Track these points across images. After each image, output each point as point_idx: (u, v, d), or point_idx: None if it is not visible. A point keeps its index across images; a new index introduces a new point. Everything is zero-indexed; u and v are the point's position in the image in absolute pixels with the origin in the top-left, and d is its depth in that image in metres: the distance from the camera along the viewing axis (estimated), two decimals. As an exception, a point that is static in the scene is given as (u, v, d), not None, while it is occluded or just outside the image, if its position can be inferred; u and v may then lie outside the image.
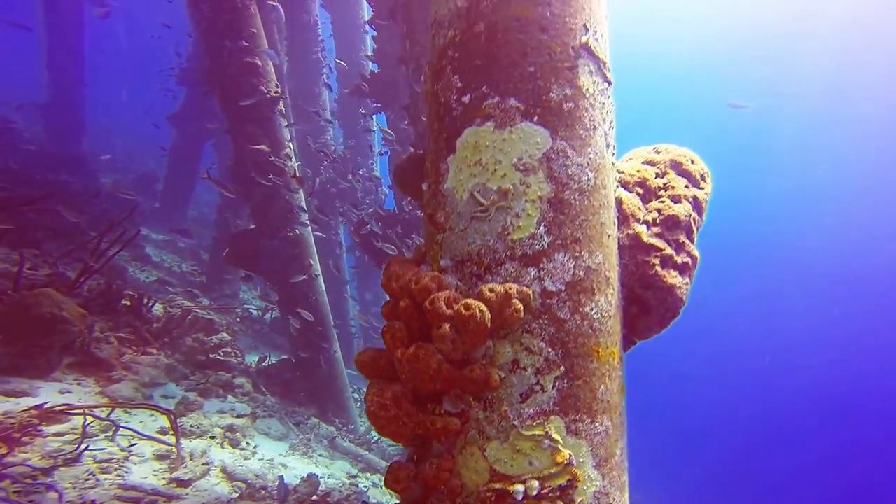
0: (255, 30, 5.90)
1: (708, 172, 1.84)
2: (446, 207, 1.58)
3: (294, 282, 7.08)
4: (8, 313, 3.69)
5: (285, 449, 6.44)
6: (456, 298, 1.41)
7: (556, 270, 1.47)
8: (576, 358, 1.52)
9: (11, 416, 3.44)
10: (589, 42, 1.68)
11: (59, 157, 10.96)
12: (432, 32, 1.92)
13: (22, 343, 3.77)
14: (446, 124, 1.66)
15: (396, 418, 1.52)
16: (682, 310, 1.69)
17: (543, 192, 1.47)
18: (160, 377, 5.43)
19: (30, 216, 6.13)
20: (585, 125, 1.57)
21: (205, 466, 4.66)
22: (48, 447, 3.58)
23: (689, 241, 1.67)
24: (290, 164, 6.84)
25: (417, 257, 1.69)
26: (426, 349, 1.43)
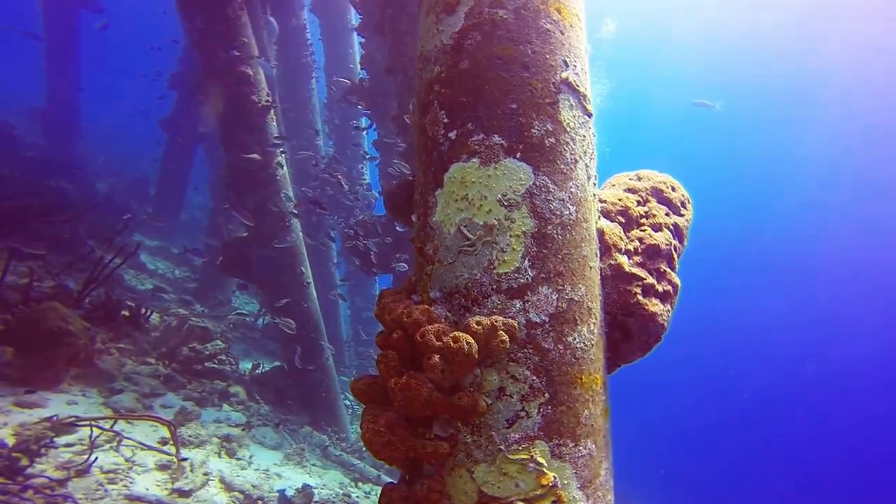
0: (246, 39, 5.93)
1: (689, 199, 1.91)
2: (435, 240, 1.64)
3: (286, 290, 7.12)
4: (19, 327, 3.79)
5: (280, 458, 6.50)
6: (445, 331, 1.47)
7: (541, 303, 1.53)
8: (559, 385, 1.59)
9: (28, 427, 3.54)
10: (569, 77, 1.74)
11: (57, 164, 10.98)
12: (419, 66, 1.98)
13: (32, 355, 3.86)
14: (434, 158, 1.71)
15: (390, 443, 1.58)
16: (664, 335, 1.76)
17: (527, 228, 1.53)
18: (159, 387, 5.48)
19: (31, 226, 6.18)
20: (566, 160, 1.63)
21: (204, 477, 4.72)
22: (60, 458, 3.67)
23: (671, 269, 1.74)
24: (282, 171, 6.88)
25: (408, 287, 1.75)
26: (417, 378, 1.50)
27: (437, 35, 1.89)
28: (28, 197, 7.56)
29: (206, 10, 5.68)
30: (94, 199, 9.87)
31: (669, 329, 1.76)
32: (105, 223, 9.46)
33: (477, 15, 1.81)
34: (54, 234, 7.15)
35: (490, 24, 1.77)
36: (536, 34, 1.75)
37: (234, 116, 6.06)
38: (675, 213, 1.82)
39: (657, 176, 1.91)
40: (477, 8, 1.82)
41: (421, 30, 2.09)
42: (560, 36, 1.81)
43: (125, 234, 6.90)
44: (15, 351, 3.87)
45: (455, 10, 1.86)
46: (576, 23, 1.91)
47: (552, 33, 1.79)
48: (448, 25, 1.86)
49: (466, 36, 1.79)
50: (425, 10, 2.04)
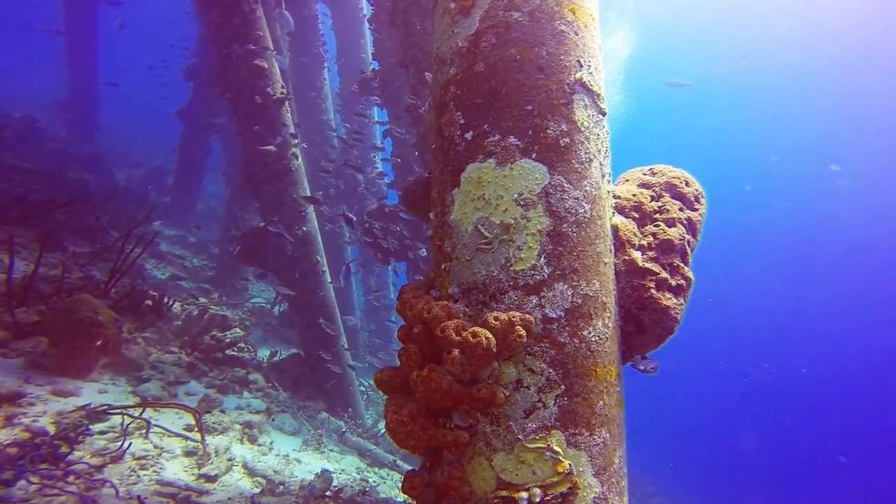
0: (261, 32, 5.98)
1: (702, 193, 1.93)
2: (452, 238, 1.70)
3: (302, 279, 7.25)
4: (53, 318, 3.95)
5: (298, 444, 6.68)
6: (464, 326, 1.54)
7: (556, 298, 1.58)
8: (575, 377, 1.65)
9: (65, 416, 3.70)
10: (583, 77, 1.77)
11: (78, 155, 11.24)
12: (435, 67, 2.02)
13: (65, 345, 4.02)
14: (451, 158, 1.76)
15: (412, 433, 1.66)
16: (677, 328, 1.80)
17: (543, 226, 1.58)
18: (183, 375, 5.65)
19: (58, 217, 6.36)
20: (581, 159, 1.67)
21: (228, 462, 4.88)
22: (96, 445, 3.83)
23: (684, 264, 1.77)
24: (297, 162, 6.96)
25: (427, 282, 1.81)
26: (438, 371, 1.57)
27: (453, 37, 1.92)
28: (52, 189, 7.75)
29: (222, 3, 5.74)
30: (113, 190, 10.06)
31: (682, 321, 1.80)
32: (126, 213, 9.68)
33: (492, 17, 1.83)
34: (78, 225, 7.35)
35: (505, 27, 1.79)
36: (551, 36, 1.78)
37: (250, 109, 6.14)
38: (689, 208, 1.85)
39: (671, 171, 1.94)
40: (492, 11, 1.84)
41: (436, 30, 2.12)
42: (574, 37, 1.83)
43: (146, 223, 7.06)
44: (49, 341, 4.04)
45: (470, 12, 1.89)
46: (590, 23, 1.93)
47: (567, 34, 1.81)
48: (463, 27, 1.89)
49: (481, 38, 1.82)
50: (440, 10, 2.07)
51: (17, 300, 4.35)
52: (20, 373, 3.98)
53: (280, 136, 6.46)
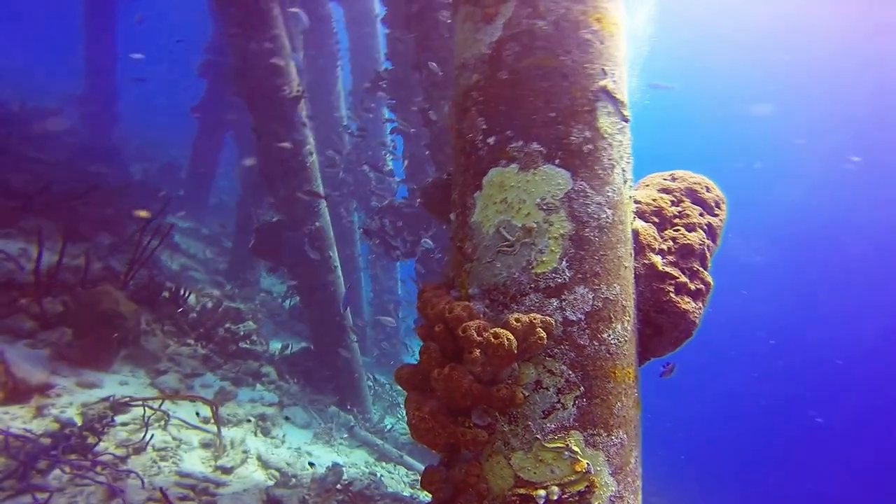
0: (278, 31, 6.04)
1: (723, 199, 1.95)
2: (473, 239, 1.73)
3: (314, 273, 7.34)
4: (77, 309, 4.06)
5: (309, 437, 6.78)
6: (485, 327, 1.57)
7: (577, 301, 1.61)
8: (594, 379, 1.68)
9: (91, 407, 3.82)
10: (607, 85, 1.79)
11: (95, 149, 11.44)
12: (456, 72, 2.05)
13: (89, 337, 4.13)
14: (472, 162, 1.79)
15: (433, 430, 1.70)
16: (695, 331, 1.82)
17: (565, 230, 1.61)
18: (199, 368, 5.76)
19: (78, 209, 6.49)
20: (604, 165, 1.69)
21: (243, 454, 4.98)
22: (119, 436, 3.94)
23: (703, 269, 1.79)
24: (312, 159, 7.03)
25: (447, 282, 1.85)
26: (459, 370, 1.60)
27: (476, 44, 1.95)
28: (72, 181, 7.89)
29: (241, 2, 5.80)
30: (129, 183, 10.22)
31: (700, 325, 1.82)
32: (141, 206, 9.82)
33: (515, 25, 1.85)
34: (96, 216, 7.48)
35: (529, 35, 1.81)
36: (576, 45, 1.79)
37: (266, 106, 6.21)
38: (709, 214, 1.87)
39: (692, 177, 1.96)
40: (515, 19, 1.86)
41: (457, 36, 2.14)
42: (599, 45, 1.84)
43: (162, 216, 7.16)
44: (74, 332, 4.15)
45: (493, 19, 1.91)
46: (615, 31, 1.94)
47: (592, 43, 1.83)
48: (486, 35, 1.92)
49: (505, 46, 1.84)
50: (462, 17, 2.09)
51: (44, 290, 4.46)
52: (47, 364, 4.11)
53: (295, 134, 6.52)
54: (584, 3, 1.91)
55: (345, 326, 7.96)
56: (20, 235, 5.66)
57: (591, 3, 1.92)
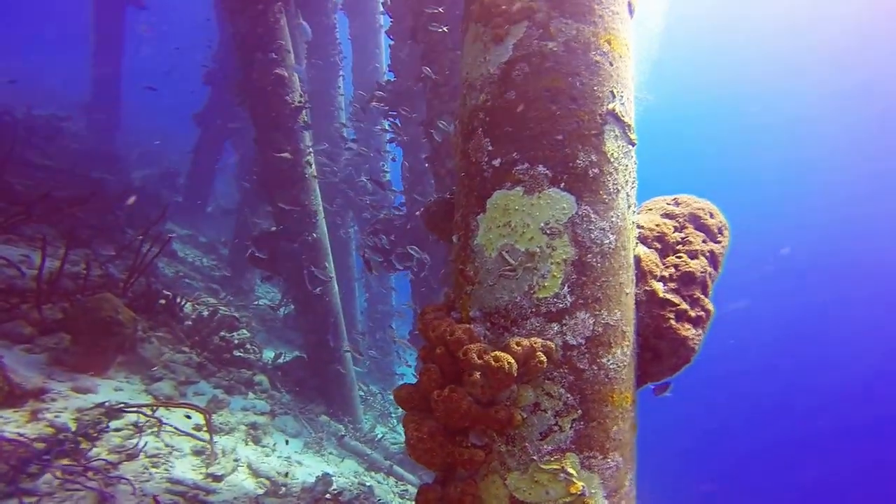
0: (283, 42, 6.10)
1: (726, 225, 1.97)
2: (475, 262, 1.74)
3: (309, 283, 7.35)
4: (76, 316, 4.05)
5: (300, 446, 6.74)
6: (486, 350, 1.58)
7: (578, 326, 1.63)
8: (592, 403, 1.69)
9: (86, 413, 3.80)
10: (616, 108, 1.81)
11: (98, 155, 11.49)
12: (463, 91, 2.07)
13: (87, 343, 4.12)
14: (477, 183, 1.81)
15: (431, 450, 1.70)
16: (694, 358, 1.84)
17: (568, 256, 1.63)
18: (193, 375, 5.73)
19: (78, 215, 6.50)
20: (609, 189, 1.71)
21: (234, 462, 4.94)
22: (112, 442, 3.91)
23: (704, 296, 1.81)
24: (311, 170, 7.06)
25: (448, 303, 1.86)
26: (458, 392, 1.61)
27: (484, 64, 1.97)
28: (73, 187, 7.91)
29: (249, 14, 5.86)
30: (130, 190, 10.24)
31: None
32: (140, 212, 9.82)
33: (525, 46, 1.87)
34: (96, 223, 7.48)
35: (539, 57, 1.84)
36: (586, 67, 1.82)
37: (269, 116, 6.25)
38: (712, 240, 1.89)
39: (695, 202, 1.98)
40: (526, 40, 1.88)
41: (465, 55, 2.17)
42: (609, 67, 1.87)
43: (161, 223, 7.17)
44: (72, 338, 4.14)
45: (503, 40, 1.94)
46: (625, 52, 1.97)
47: (601, 65, 1.85)
48: (496, 55, 1.94)
49: (514, 67, 1.86)
50: (471, 36, 2.12)
51: (44, 297, 4.45)
52: (44, 368, 4.08)
53: (296, 144, 6.57)
54: (594, 24, 1.93)
55: (339, 336, 7.95)
56: (21, 241, 5.65)
57: (601, 24, 1.94)
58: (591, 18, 1.94)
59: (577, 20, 1.92)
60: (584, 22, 1.93)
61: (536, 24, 1.92)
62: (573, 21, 1.92)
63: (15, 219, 5.42)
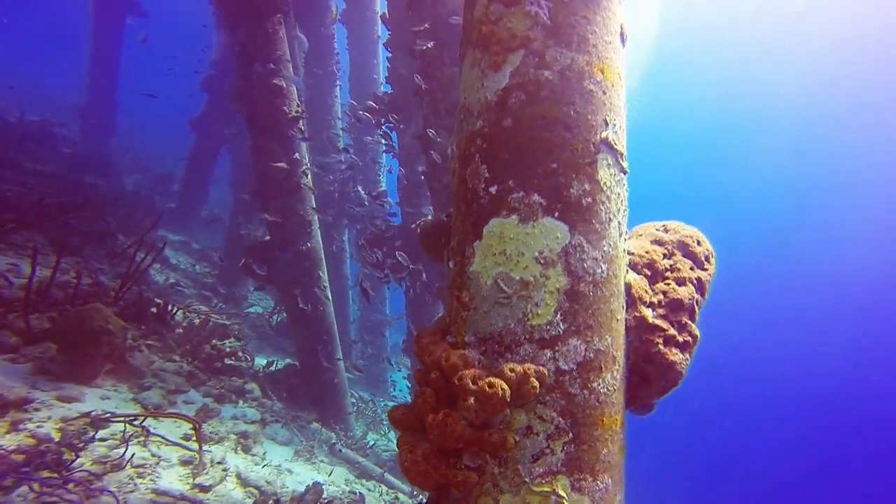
0: (282, 52, 6.15)
1: (712, 253, 2.02)
2: (471, 289, 1.78)
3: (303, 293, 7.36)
4: (65, 325, 4.03)
5: (290, 454, 6.72)
6: (480, 376, 1.62)
7: (570, 353, 1.67)
8: (583, 426, 1.73)
9: (70, 423, 3.75)
10: (609, 137, 1.86)
11: (91, 160, 11.44)
12: (460, 116, 2.11)
13: (74, 352, 4.10)
14: (473, 210, 1.85)
15: (425, 472, 1.73)
16: (681, 381, 1.88)
17: (561, 285, 1.67)
18: (183, 384, 5.70)
19: (69, 222, 6.47)
20: (601, 219, 1.76)
21: (223, 472, 4.91)
22: (96, 452, 3.87)
23: (691, 322, 1.86)
24: (306, 180, 7.09)
25: (443, 327, 1.89)
26: (453, 417, 1.64)
27: (482, 90, 2.02)
28: (65, 193, 7.87)
29: (249, 25, 5.90)
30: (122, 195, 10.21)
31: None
32: (132, 218, 9.78)
33: (522, 74, 1.92)
34: (88, 230, 7.45)
35: (535, 85, 1.88)
36: (580, 95, 1.87)
37: (265, 126, 6.28)
38: (699, 268, 1.95)
39: (684, 229, 2.03)
40: (523, 67, 1.93)
41: (463, 79, 2.22)
42: (602, 96, 1.92)
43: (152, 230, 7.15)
44: (59, 347, 4.11)
45: (501, 67, 1.99)
46: (617, 81, 2.03)
47: (595, 94, 1.90)
48: (493, 82, 1.98)
49: (511, 94, 1.91)
50: (469, 62, 2.17)
51: (32, 306, 4.43)
52: (28, 378, 4.05)
53: (292, 154, 6.59)
54: (589, 53, 1.99)
55: (332, 345, 7.95)
56: (10, 250, 5.62)
57: (595, 53, 1.99)
58: (585, 48, 1.99)
59: (572, 49, 1.98)
60: (578, 51, 1.98)
61: (533, 52, 1.97)
62: (568, 50, 1.97)
63: (5, 227, 5.39)
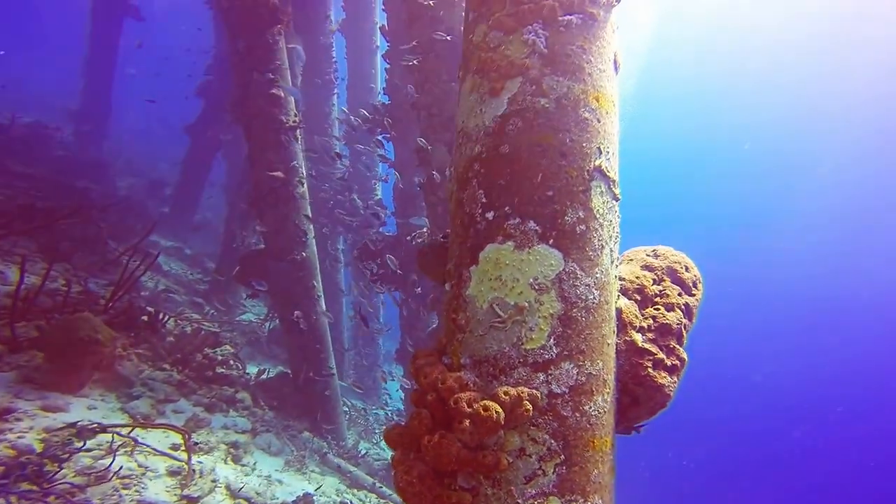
0: (280, 62, 6.20)
1: (700, 279, 2.09)
2: (467, 312, 1.83)
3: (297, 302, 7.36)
4: (53, 334, 4.00)
5: (281, 464, 6.69)
6: (476, 399, 1.65)
7: (562, 376, 1.71)
8: (574, 448, 1.77)
9: (55, 434, 3.71)
10: (602, 164, 1.92)
11: (83, 163, 11.35)
12: (459, 140, 2.16)
13: (61, 361, 4.06)
14: (471, 234, 1.90)
15: (420, 493, 1.76)
16: (669, 403, 1.93)
17: (554, 310, 1.72)
18: (173, 393, 5.67)
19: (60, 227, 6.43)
20: (594, 246, 1.81)
21: (212, 483, 4.89)
22: (80, 463, 3.84)
23: (679, 346, 1.92)
24: (302, 189, 7.11)
25: (439, 348, 1.93)
26: (448, 439, 1.68)
27: (480, 115, 2.07)
28: (56, 197, 7.81)
29: (249, 35, 5.95)
30: (114, 200, 10.14)
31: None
32: (124, 223, 9.72)
33: (520, 101, 1.98)
34: (78, 235, 7.40)
35: (532, 112, 1.94)
36: (575, 123, 1.93)
37: (263, 135, 6.31)
38: (687, 293, 2.01)
39: (672, 255, 2.09)
40: (520, 95, 1.99)
41: (462, 103, 2.27)
42: (597, 124, 1.98)
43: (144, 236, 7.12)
44: (45, 356, 4.08)
45: (499, 94, 2.04)
46: (611, 109, 2.09)
47: (589, 122, 1.96)
48: (491, 108, 2.04)
49: (509, 121, 1.96)
50: (468, 87, 2.22)
51: (19, 315, 4.39)
52: (11, 387, 4.00)
53: (289, 163, 6.62)
54: (584, 81, 2.05)
55: (326, 354, 7.94)
56: (-2, 256, 5.57)
57: (590, 81, 2.06)
58: (580, 76, 2.06)
59: (568, 77, 2.04)
60: (574, 80, 2.04)
61: (530, 80, 2.03)
62: (564, 79, 2.03)
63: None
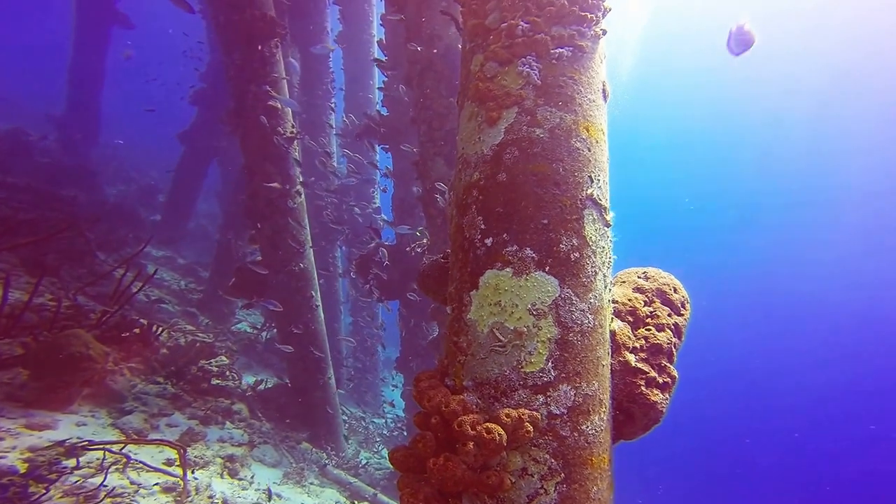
0: (277, 74, 6.25)
1: (688, 300, 2.18)
2: (468, 335, 1.90)
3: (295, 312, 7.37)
4: (40, 351, 3.96)
5: (279, 477, 6.66)
6: (479, 421, 1.72)
7: (560, 398, 1.79)
8: (573, 466, 1.84)
9: (41, 453, 3.65)
10: (594, 193, 2.01)
11: (69, 171, 11.20)
12: (459, 165, 2.24)
13: (49, 378, 4.02)
14: (470, 259, 1.97)
15: (425, 514, 1.82)
16: (662, 419, 2.01)
17: (552, 335, 1.79)
18: (167, 407, 5.66)
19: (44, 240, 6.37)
20: (588, 273, 1.89)
21: (208, 499, 4.88)
22: (69, 482, 3.79)
23: (670, 364, 2.00)
24: (299, 200, 7.15)
25: (441, 370, 2.00)
26: (453, 461, 1.74)
27: (479, 143, 2.15)
28: (40, 207, 7.73)
29: (245, 46, 5.99)
30: (103, 209, 10.06)
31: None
32: (115, 233, 9.66)
33: (516, 131, 2.07)
34: (65, 247, 7.34)
35: (528, 142, 2.03)
36: (567, 152, 2.02)
37: (260, 146, 6.35)
38: (676, 314, 2.09)
39: (661, 277, 2.18)
40: (516, 125, 2.08)
41: (461, 130, 2.35)
42: (587, 153, 2.07)
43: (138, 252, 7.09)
44: (31, 373, 4.03)
45: (496, 123, 2.13)
46: (601, 138, 2.18)
47: (581, 151, 2.06)
48: (489, 136, 2.12)
49: (505, 150, 2.05)
50: (467, 115, 2.30)
51: (2, 332, 4.34)
52: (-8, 406, 3.93)
53: (286, 174, 6.66)
54: (575, 112, 2.14)
55: (324, 363, 7.95)
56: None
57: (581, 112, 2.15)
58: (571, 107, 2.15)
59: (560, 108, 2.13)
60: (565, 110, 2.13)
61: (525, 110, 2.12)
62: (557, 109, 2.12)
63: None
